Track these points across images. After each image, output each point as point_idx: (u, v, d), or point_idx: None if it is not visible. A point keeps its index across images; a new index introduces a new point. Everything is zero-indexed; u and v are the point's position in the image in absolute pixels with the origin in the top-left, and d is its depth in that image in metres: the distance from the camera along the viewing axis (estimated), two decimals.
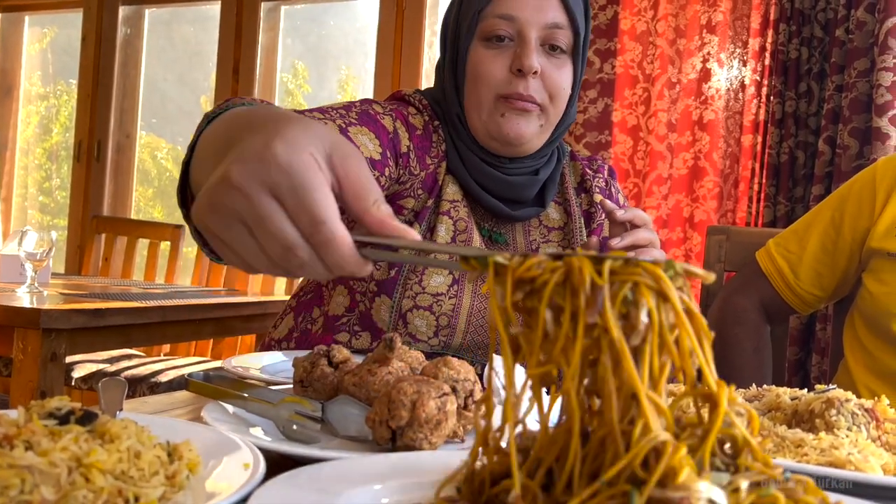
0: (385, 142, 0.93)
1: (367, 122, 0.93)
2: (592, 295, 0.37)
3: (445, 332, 0.96)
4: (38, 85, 3.69)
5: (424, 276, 0.96)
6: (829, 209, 1.18)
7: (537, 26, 0.94)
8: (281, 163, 0.43)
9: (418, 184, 0.98)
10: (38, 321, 1.45)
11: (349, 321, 1.00)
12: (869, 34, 1.93)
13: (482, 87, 0.95)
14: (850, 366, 1.16)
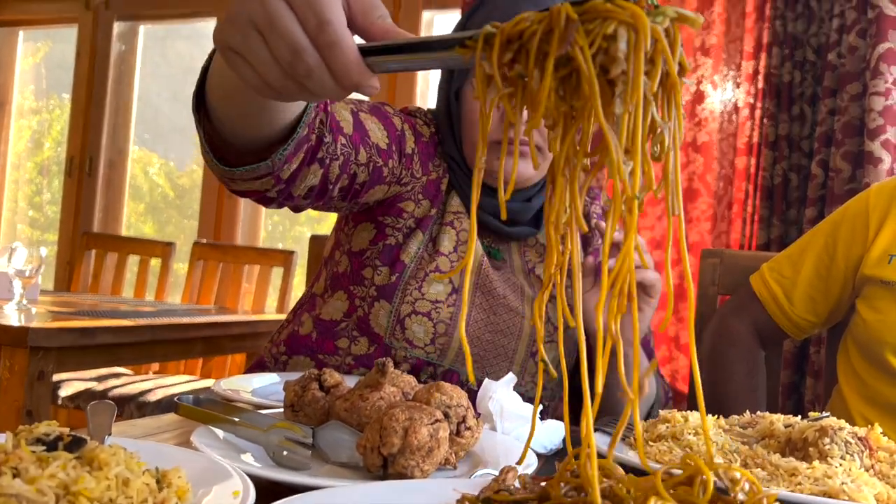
0: (392, 136, 0.95)
1: (378, 114, 0.95)
2: (566, 30, 0.38)
3: (442, 340, 0.97)
4: (30, 99, 3.68)
5: (424, 282, 0.97)
6: (823, 235, 1.19)
7: None
8: None
9: (419, 188, 1.00)
10: (26, 340, 1.43)
11: (347, 326, 1.01)
12: (861, 59, 1.94)
13: (474, 129, 0.98)
14: (843, 392, 1.16)
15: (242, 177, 0.75)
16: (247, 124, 0.70)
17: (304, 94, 0.52)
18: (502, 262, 1.05)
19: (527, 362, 1.00)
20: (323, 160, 0.82)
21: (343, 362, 1.01)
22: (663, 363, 2.25)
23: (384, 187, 0.97)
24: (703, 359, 1.28)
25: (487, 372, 1.00)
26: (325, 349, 1.02)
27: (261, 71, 0.50)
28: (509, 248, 1.07)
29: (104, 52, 3.25)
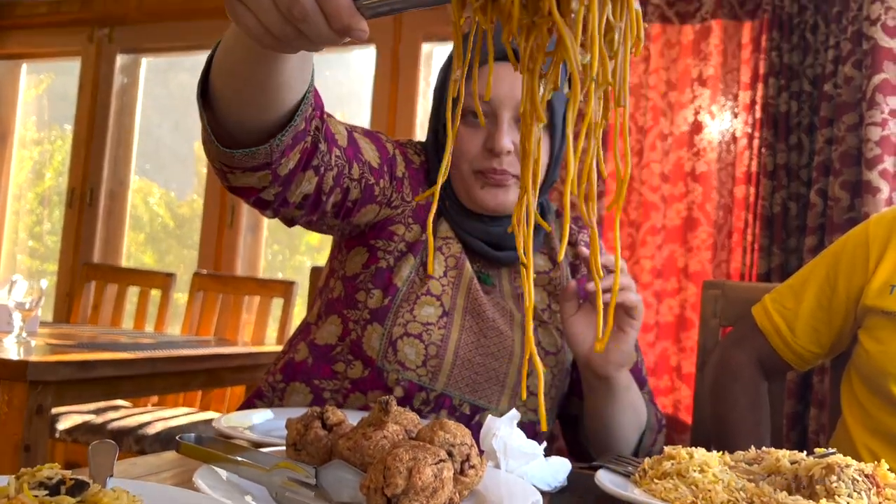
0: (384, 158, 0.98)
1: (371, 137, 0.99)
2: None
3: (433, 363, 0.97)
4: (32, 130, 3.71)
5: (416, 305, 0.98)
6: (824, 266, 1.19)
7: (510, 106, 0.96)
8: None
9: (409, 212, 1.02)
10: (25, 373, 1.42)
11: (342, 350, 1.01)
12: (857, 89, 1.96)
13: (461, 162, 0.99)
14: (848, 424, 1.15)
15: (241, 163, 0.78)
16: (248, 103, 0.73)
17: (301, 40, 0.56)
18: (492, 286, 1.06)
19: (518, 386, 1.01)
20: (318, 168, 0.86)
21: (341, 386, 1.01)
22: (665, 393, 2.23)
23: (375, 207, 1.00)
24: (705, 392, 1.27)
25: (479, 395, 1.00)
26: (322, 374, 1.02)
27: (262, 18, 0.55)
28: (499, 274, 1.07)
29: (107, 84, 3.28)
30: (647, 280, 2.24)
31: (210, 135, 0.77)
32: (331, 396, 1.01)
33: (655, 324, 2.24)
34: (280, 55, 0.68)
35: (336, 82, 3.35)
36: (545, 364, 1.02)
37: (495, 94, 0.96)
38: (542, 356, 1.02)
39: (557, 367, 1.03)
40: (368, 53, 2.96)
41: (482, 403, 1.00)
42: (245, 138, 0.77)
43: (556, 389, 1.04)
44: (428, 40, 2.86)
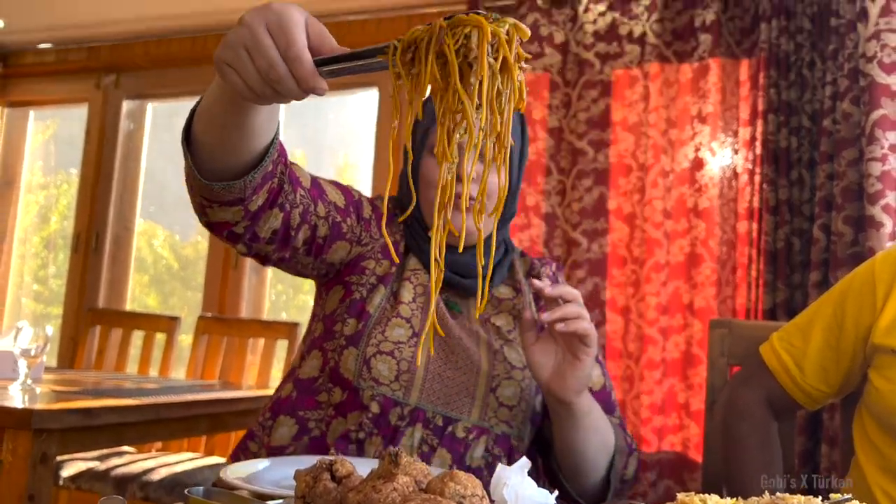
0: (349, 200, 1.10)
1: (336, 184, 1.12)
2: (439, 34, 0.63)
3: (406, 377, 1.04)
4: (38, 175, 3.75)
5: (387, 327, 1.06)
6: (831, 304, 1.18)
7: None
8: (275, 9, 0.69)
9: (378, 248, 1.12)
10: (30, 422, 1.42)
11: (323, 380, 1.09)
12: (855, 125, 1.98)
13: (430, 189, 1.10)
14: (861, 464, 1.13)
15: (219, 196, 0.90)
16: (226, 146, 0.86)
17: (276, 97, 0.73)
18: (459, 313, 1.14)
19: (487, 397, 1.06)
20: (283, 205, 0.97)
21: (325, 414, 1.07)
22: (674, 431, 2.21)
23: (346, 245, 1.10)
24: (715, 432, 1.26)
25: (451, 407, 1.05)
26: (307, 406, 1.09)
27: (245, 78, 0.70)
28: (467, 303, 1.15)
29: (113, 129, 3.32)
30: (652, 317, 2.23)
31: (193, 170, 0.88)
32: (315, 426, 1.07)
33: (662, 361, 2.23)
34: (255, 106, 0.81)
35: (339, 124, 3.39)
36: (513, 377, 1.08)
37: None
38: (509, 370, 1.09)
39: (525, 381, 1.09)
40: (371, 95, 3.00)
41: (454, 415, 1.05)
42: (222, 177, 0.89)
43: (525, 403, 1.09)
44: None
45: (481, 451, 1.05)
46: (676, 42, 2.35)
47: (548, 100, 2.45)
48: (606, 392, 1.17)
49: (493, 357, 1.08)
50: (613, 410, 1.17)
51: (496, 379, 1.07)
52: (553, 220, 2.41)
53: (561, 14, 2.48)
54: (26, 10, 3.12)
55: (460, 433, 1.04)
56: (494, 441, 1.06)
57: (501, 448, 1.07)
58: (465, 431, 1.04)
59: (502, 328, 1.13)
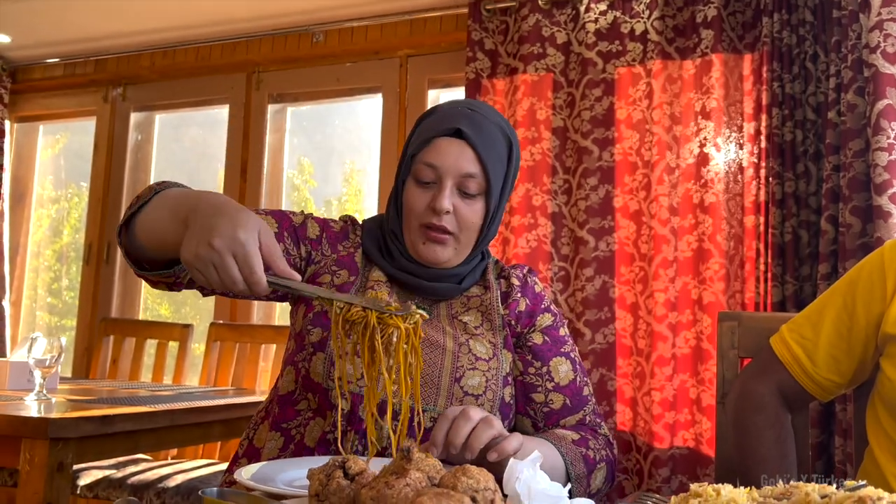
0: (284, 226, 1.18)
1: (275, 214, 1.20)
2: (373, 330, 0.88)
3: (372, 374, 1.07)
4: (49, 189, 3.78)
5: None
6: (841, 294, 1.18)
7: (453, 175, 1.13)
8: (240, 242, 0.85)
9: (331, 262, 1.18)
10: (46, 431, 1.43)
11: (298, 391, 1.12)
12: (861, 116, 1.98)
13: (410, 215, 1.16)
14: (875, 454, 1.13)
15: (154, 278, 1.08)
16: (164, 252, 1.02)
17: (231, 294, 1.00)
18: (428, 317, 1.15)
19: (452, 387, 1.10)
20: None
21: (304, 419, 1.11)
22: (686, 426, 2.21)
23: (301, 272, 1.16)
24: (728, 426, 1.26)
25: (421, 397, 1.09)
26: (287, 417, 1.12)
27: (210, 282, 0.87)
28: (437, 308, 1.19)
29: (121, 141, 3.35)
30: (661, 313, 2.23)
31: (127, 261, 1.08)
32: (296, 431, 1.11)
33: (672, 357, 2.23)
34: None
35: (345, 130, 3.41)
36: (477, 368, 1.11)
37: (441, 163, 1.13)
38: (474, 361, 1.12)
39: (490, 371, 1.13)
40: (375, 102, 3.02)
41: (423, 405, 1.09)
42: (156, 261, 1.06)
43: (491, 392, 1.12)
44: (433, 86, 2.91)
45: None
46: (678, 38, 2.35)
47: (551, 100, 2.46)
48: (577, 387, 1.19)
49: (457, 349, 1.11)
50: (583, 405, 1.18)
51: (460, 370, 1.10)
52: (560, 220, 2.41)
53: (562, 14, 2.48)
54: (33, 26, 3.15)
55: (428, 423, 1.07)
56: None
57: None
58: (432, 421, 1.07)
59: (469, 324, 1.16)
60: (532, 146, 2.44)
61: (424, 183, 1.14)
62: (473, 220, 1.15)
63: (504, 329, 1.18)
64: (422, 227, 1.14)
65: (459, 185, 1.13)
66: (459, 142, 1.14)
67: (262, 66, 3.12)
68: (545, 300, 1.25)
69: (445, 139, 1.14)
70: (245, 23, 3.01)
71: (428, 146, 1.14)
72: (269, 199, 3.12)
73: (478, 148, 1.14)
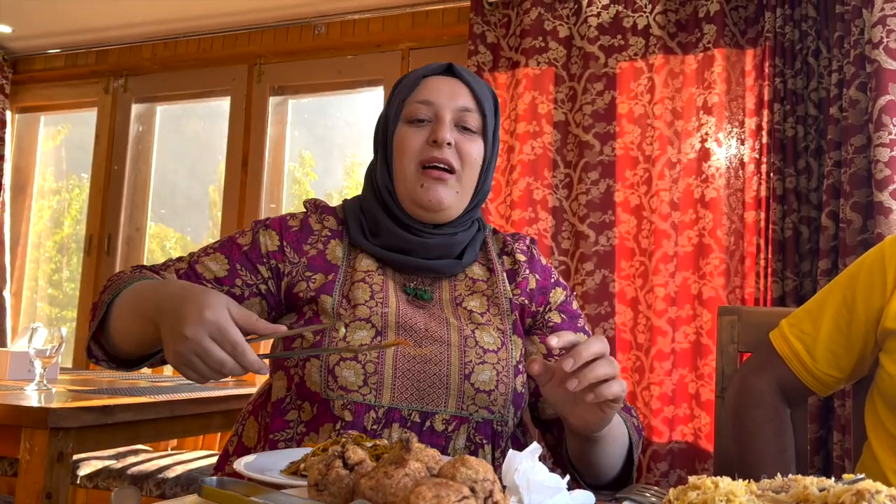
0: (236, 257, 1.09)
1: (224, 247, 1.11)
2: None
3: (374, 379, 1.00)
4: (50, 180, 3.78)
5: (348, 332, 1.02)
6: (841, 289, 1.18)
7: (450, 109, 1.08)
8: (212, 321, 0.81)
9: (302, 268, 1.08)
10: (46, 420, 1.44)
11: (291, 398, 1.05)
12: (863, 111, 1.97)
13: (406, 158, 1.07)
14: (874, 449, 1.13)
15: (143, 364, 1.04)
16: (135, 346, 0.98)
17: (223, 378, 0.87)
18: (429, 300, 1.09)
19: (462, 385, 1.02)
20: None
21: (294, 433, 1.03)
22: (685, 421, 2.21)
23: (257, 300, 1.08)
24: (727, 420, 1.26)
25: (426, 402, 1.01)
26: (275, 427, 1.04)
27: (201, 375, 0.84)
28: (440, 286, 1.11)
29: (122, 133, 3.35)
30: (661, 308, 2.24)
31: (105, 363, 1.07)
32: (285, 446, 1.03)
33: (672, 351, 2.23)
34: None
35: (347, 123, 3.40)
36: (486, 361, 1.04)
37: (437, 97, 1.08)
38: (482, 354, 1.04)
39: (500, 363, 1.05)
40: (377, 94, 3.01)
41: (430, 408, 1.01)
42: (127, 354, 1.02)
43: (503, 385, 1.04)
44: None
45: (463, 440, 1.02)
46: (681, 33, 2.35)
47: (553, 94, 2.46)
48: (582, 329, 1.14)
49: (463, 343, 1.04)
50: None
51: (469, 365, 1.02)
52: (560, 214, 2.41)
53: (564, 8, 2.48)
54: (35, 17, 3.15)
55: (439, 426, 1.01)
56: (476, 429, 1.03)
57: (484, 435, 1.03)
58: (444, 423, 1.01)
59: (474, 311, 1.08)
60: (533, 140, 2.43)
61: (419, 121, 1.08)
62: (475, 156, 1.09)
63: (513, 313, 1.10)
64: (420, 167, 1.07)
65: (457, 121, 1.08)
66: (452, 79, 1.10)
67: (263, 58, 3.11)
68: (552, 273, 1.18)
69: (437, 77, 1.10)
70: (247, 15, 3.00)
71: (419, 86, 1.09)
72: (270, 191, 3.12)
73: (471, 84, 1.10)
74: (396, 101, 1.11)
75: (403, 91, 1.10)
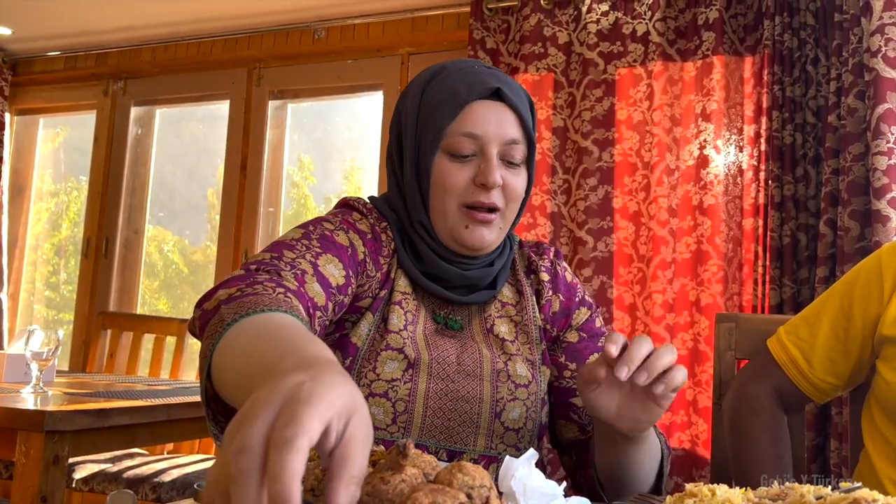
0: (346, 261, 0.96)
1: (328, 246, 0.95)
2: None
3: (403, 419, 0.96)
4: (49, 182, 3.78)
5: (378, 363, 0.96)
6: (838, 296, 1.18)
7: (498, 143, 0.98)
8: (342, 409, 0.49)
9: (376, 284, 1.00)
10: (42, 424, 1.43)
11: None
12: (861, 120, 1.98)
13: (447, 197, 0.99)
14: (871, 457, 1.13)
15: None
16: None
17: None
18: (460, 329, 1.05)
19: (492, 424, 0.98)
20: None
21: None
22: (682, 428, 2.21)
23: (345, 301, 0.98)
24: (724, 428, 1.26)
25: (455, 440, 0.98)
26: None
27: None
28: (469, 313, 1.06)
29: (121, 135, 3.35)
30: (658, 314, 2.24)
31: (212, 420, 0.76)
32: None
33: None
34: None
35: (346, 127, 3.41)
36: (517, 398, 0.99)
37: (484, 131, 0.97)
38: (514, 389, 1.00)
39: (530, 398, 1.01)
40: (376, 99, 3.02)
41: (458, 447, 0.98)
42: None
43: (531, 422, 1.01)
44: None
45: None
46: (680, 40, 2.36)
47: (552, 100, 2.46)
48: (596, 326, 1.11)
49: (496, 378, 0.99)
50: None
51: (500, 402, 0.98)
52: (559, 220, 2.41)
53: (564, 14, 2.48)
54: (35, 19, 3.15)
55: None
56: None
57: None
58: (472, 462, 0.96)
59: (506, 339, 1.04)
60: None
61: (462, 157, 0.98)
62: (520, 191, 1.02)
63: (542, 342, 1.05)
64: (463, 208, 0.98)
65: (503, 155, 0.99)
66: (498, 104, 0.98)
67: (263, 61, 3.12)
68: (578, 291, 1.12)
69: (482, 102, 0.98)
70: (247, 18, 3.01)
71: (462, 113, 0.97)
72: (269, 195, 3.12)
73: (519, 110, 0.99)
74: (434, 127, 0.99)
75: (444, 117, 0.98)
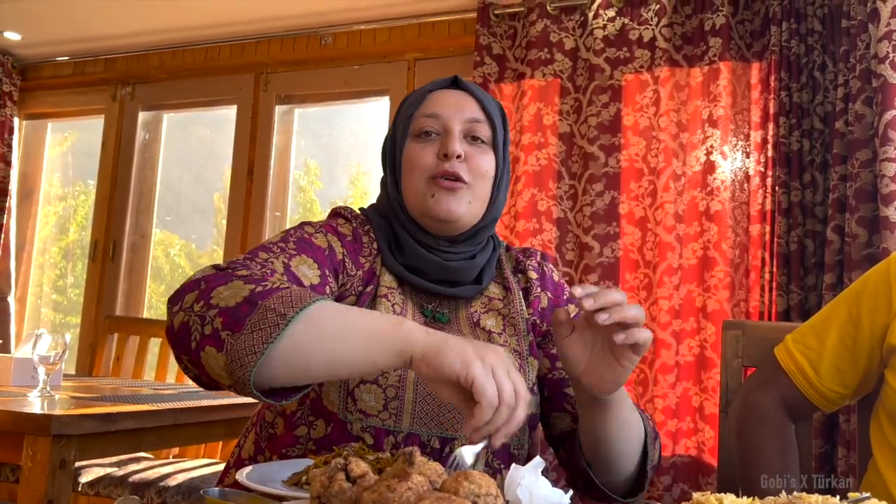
0: (323, 261, 1.00)
1: (304, 248, 1.00)
2: None
3: (394, 404, 0.98)
4: (57, 186, 3.80)
5: None
6: (846, 304, 1.18)
7: (459, 120, 1.07)
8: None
9: (357, 282, 1.04)
10: (49, 427, 1.44)
11: (303, 413, 1.02)
12: (868, 126, 1.97)
13: (415, 173, 1.06)
14: (879, 466, 1.13)
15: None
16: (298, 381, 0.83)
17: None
18: (447, 322, 1.08)
19: None
20: None
21: (305, 449, 1.01)
22: (689, 435, 2.20)
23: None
24: (731, 436, 1.25)
25: (446, 427, 1.00)
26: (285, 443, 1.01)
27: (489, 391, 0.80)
28: (456, 306, 1.09)
29: (129, 140, 3.37)
30: (665, 320, 2.23)
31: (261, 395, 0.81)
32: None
33: (676, 364, 2.22)
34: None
35: (352, 133, 3.42)
36: None
37: (444, 110, 1.07)
38: None
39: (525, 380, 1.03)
40: (382, 104, 3.02)
41: (450, 434, 1.00)
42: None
43: None
44: None
45: (482, 466, 1.01)
46: (686, 46, 2.35)
47: (558, 105, 2.46)
48: None
49: None
50: None
51: None
52: (565, 225, 2.41)
53: (570, 20, 2.49)
54: (43, 24, 3.17)
55: None
56: (493, 454, 1.02)
57: (501, 459, 1.03)
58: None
59: (493, 331, 1.07)
60: (538, 151, 2.44)
61: (426, 134, 1.07)
62: (486, 167, 1.07)
63: (529, 334, 1.09)
64: (430, 180, 1.05)
65: (467, 132, 1.07)
66: (459, 91, 1.10)
67: (270, 67, 3.13)
68: (565, 289, 1.17)
69: (443, 90, 1.10)
70: (254, 24, 3.02)
71: (426, 100, 1.09)
72: (275, 199, 3.12)
73: (478, 95, 1.09)
74: (403, 118, 1.09)
75: (410, 107, 1.09)
